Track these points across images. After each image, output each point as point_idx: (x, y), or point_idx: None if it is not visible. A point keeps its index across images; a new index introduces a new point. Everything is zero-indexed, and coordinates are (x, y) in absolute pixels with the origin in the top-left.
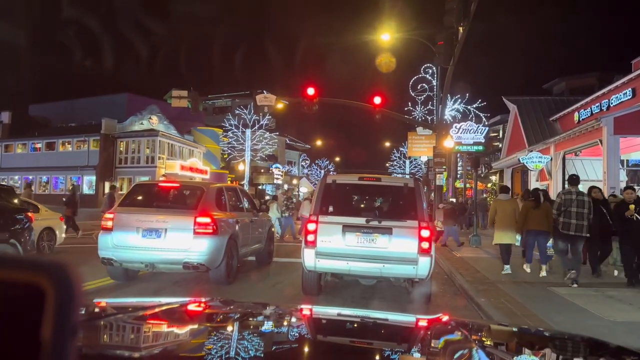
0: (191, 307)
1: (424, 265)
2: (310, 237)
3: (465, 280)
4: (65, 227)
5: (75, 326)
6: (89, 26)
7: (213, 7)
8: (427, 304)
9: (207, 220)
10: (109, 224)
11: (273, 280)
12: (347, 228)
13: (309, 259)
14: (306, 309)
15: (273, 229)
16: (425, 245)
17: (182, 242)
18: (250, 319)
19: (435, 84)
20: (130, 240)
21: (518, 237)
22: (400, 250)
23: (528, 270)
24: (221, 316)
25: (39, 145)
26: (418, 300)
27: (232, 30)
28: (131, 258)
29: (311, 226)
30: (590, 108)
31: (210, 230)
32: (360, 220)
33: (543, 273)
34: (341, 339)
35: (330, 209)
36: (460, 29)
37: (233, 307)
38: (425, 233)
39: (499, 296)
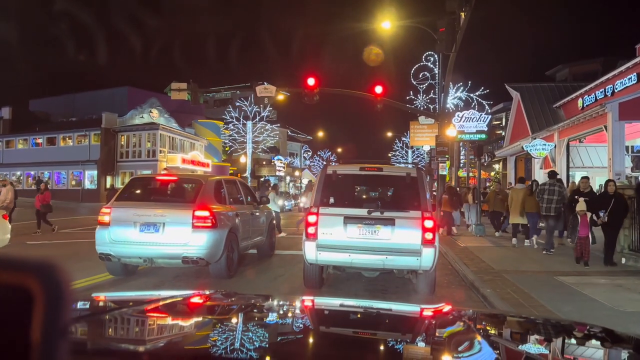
0: (194, 299)
1: (428, 257)
2: (311, 230)
3: (470, 270)
4: (9, 226)
5: (65, 326)
6: (88, 20)
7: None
8: (431, 295)
9: (205, 213)
10: (106, 218)
11: (275, 274)
12: (348, 220)
13: (310, 251)
14: (308, 300)
15: (274, 222)
16: (429, 236)
17: (180, 236)
18: (253, 310)
19: (437, 72)
20: (128, 235)
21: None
22: (403, 241)
23: (530, 243)
24: (224, 308)
25: (40, 141)
26: (422, 291)
27: (233, 22)
28: (129, 253)
29: (312, 218)
30: (595, 94)
31: (210, 224)
32: (362, 212)
33: (527, 243)
34: (344, 329)
35: (331, 200)
36: (462, 14)
37: (235, 299)
38: (429, 223)
39: (505, 286)
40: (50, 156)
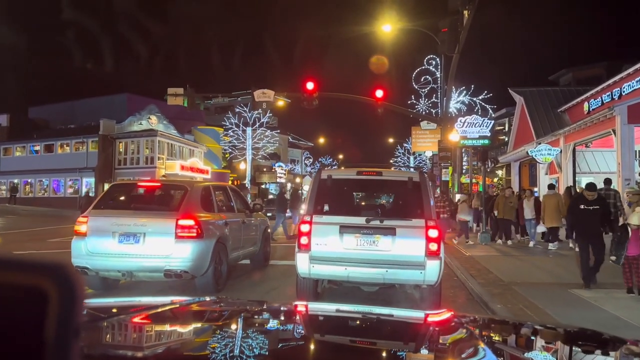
0: (188, 306)
1: (433, 270)
2: (304, 240)
3: (477, 282)
4: None
5: (78, 327)
6: (88, 27)
7: (212, 6)
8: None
9: (190, 222)
10: (83, 228)
11: (268, 286)
12: (344, 229)
13: (303, 264)
14: (301, 305)
15: (269, 230)
16: (433, 246)
17: (162, 247)
18: (248, 316)
19: (439, 75)
20: (106, 247)
21: (563, 220)
22: (405, 252)
23: (570, 244)
24: (218, 315)
25: (37, 148)
26: (426, 308)
27: (232, 29)
28: (107, 266)
29: (304, 227)
30: (601, 97)
31: (194, 234)
32: (360, 220)
33: (570, 244)
34: (343, 336)
35: (326, 207)
36: (466, 13)
37: (229, 306)
38: (434, 233)
39: (516, 301)
40: (47, 163)
